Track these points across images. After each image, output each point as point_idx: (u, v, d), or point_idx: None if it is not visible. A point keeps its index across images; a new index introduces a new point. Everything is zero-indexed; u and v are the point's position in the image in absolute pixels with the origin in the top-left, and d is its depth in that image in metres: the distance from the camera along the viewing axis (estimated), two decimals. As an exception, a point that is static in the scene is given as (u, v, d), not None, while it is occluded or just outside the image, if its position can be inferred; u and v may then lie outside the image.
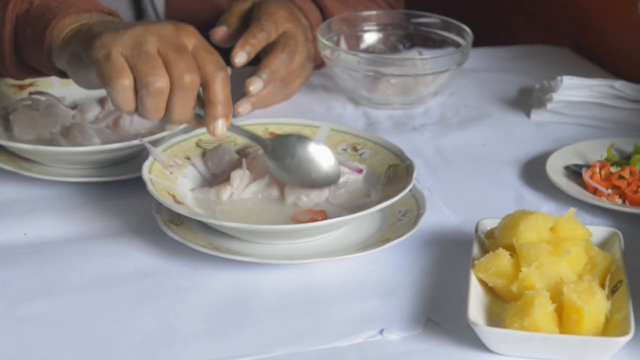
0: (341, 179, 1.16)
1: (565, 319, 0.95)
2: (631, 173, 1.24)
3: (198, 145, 1.21)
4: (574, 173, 1.27)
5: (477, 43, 1.53)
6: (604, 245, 1.08)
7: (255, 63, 1.41)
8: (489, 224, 1.10)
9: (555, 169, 1.27)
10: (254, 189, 1.14)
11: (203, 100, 1.09)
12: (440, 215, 1.20)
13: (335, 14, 1.55)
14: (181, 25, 1.10)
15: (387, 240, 1.09)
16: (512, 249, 1.02)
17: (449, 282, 1.07)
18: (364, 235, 1.12)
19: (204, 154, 1.20)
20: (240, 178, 1.14)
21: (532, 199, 1.25)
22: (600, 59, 1.65)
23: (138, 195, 1.19)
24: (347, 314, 1.02)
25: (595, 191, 1.23)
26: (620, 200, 1.22)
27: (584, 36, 1.71)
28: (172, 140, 1.20)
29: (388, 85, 1.46)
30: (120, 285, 1.06)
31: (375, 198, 1.14)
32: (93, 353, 0.97)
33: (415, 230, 1.11)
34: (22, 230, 1.15)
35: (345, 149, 1.22)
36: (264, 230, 1.08)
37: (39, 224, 1.17)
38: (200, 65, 1.07)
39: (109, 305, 1.03)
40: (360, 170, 1.18)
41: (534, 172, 1.30)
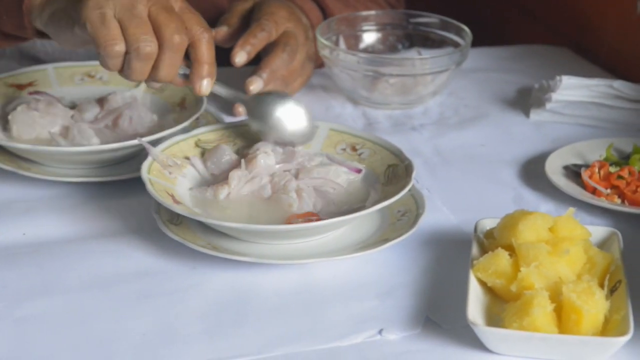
0: (340, 179, 1.16)
1: (564, 318, 0.95)
2: (630, 173, 1.24)
3: (197, 145, 1.21)
4: (573, 173, 1.27)
5: (476, 43, 1.53)
6: (603, 245, 1.08)
7: (256, 63, 1.41)
8: (488, 223, 1.10)
9: (554, 169, 1.27)
10: (250, 188, 1.15)
11: (186, 62, 1.14)
12: (439, 215, 1.20)
13: (336, 13, 1.55)
14: None
15: (386, 240, 1.09)
16: (511, 249, 1.02)
17: (448, 282, 1.07)
18: (363, 235, 1.12)
19: (203, 154, 1.20)
20: (238, 178, 1.14)
21: (531, 198, 1.25)
22: (599, 59, 1.65)
23: (137, 195, 1.19)
24: (346, 313, 1.02)
25: (594, 191, 1.23)
26: (619, 200, 1.22)
27: (583, 36, 1.71)
28: (171, 140, 1.20)
29: (387, 85, 1.46)
30: (119, 285, 1.06)
31: (374, 198, 1.14)
32: (92, 353, 0.97)
33: (415, 230, 1.11)
34: (21, 230, 1.15)
35: (344, 149, 1.22)
36: (262, 230, 1.08)
37: (37, 224, 1.17)
38: (187, 27, 1.12)
39: (108, 305, 1.03)
40: (359, 170, 1.18)
41: (533, 172, 1.30)
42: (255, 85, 1.37)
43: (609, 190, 1.23)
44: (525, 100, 1.51)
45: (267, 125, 1.19)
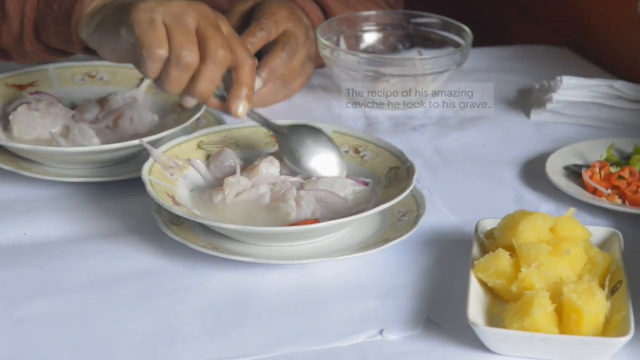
0: (345, 191, 1.15)
1: (564, 319, 0.95)
2: (631, 173, 1.24)
3: (199, 146, 1.21)
4: (574, 173, 1.27)
5: (477, 43, 1.53)
6: (604, 245, 1.08)
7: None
8: (489, 224, 1.10)
9: (554, 169, 1.27)
10: (247, 196, 1.14)
11: (226, 85, 1.13)
12: (439, 215, 1.20)
13: (337, 13, 1.55)
14: (219, 12, 1.14)
15: (387, 241, 1.09)
16: (512, 249, 1.02)
17: (448, 282, 1.07)
18: (364, 236, 1.12)
19: (207, 157, 1.20)
20: (231, 185, 1.14)
21: (532, 199, 1.25)
22: (600, 59, 1.65)
23: (137, 195, 1.19)
24: (347, 314, 1.02)
25: (594, 191, 1.23)
26: (619, 201, 1.22)
27: (583, 36, 1.71)
28: (173, 142, 1.19)
29: (388, 85, 1.46)
30: (119, 285, 1.06)
31: (375, 200, 1.14)
32: (92, 353, 0.97)
33: (415, 230, 1.11)
34: (22, 230, 1.15)
35: (347, 151, 1.22)
36: (263, 232, 1.08)
37: (38, 224, 1.17)
38: (232, 49, 1.11)
39: (108, 305, 1.03)
40: (366, 183, 1.18)
41: (533, 172, 1.30)
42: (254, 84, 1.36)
43: (609, 191, 1.23)
44: (525, 100, 1.51)
45: (299, 168, 1.17)
